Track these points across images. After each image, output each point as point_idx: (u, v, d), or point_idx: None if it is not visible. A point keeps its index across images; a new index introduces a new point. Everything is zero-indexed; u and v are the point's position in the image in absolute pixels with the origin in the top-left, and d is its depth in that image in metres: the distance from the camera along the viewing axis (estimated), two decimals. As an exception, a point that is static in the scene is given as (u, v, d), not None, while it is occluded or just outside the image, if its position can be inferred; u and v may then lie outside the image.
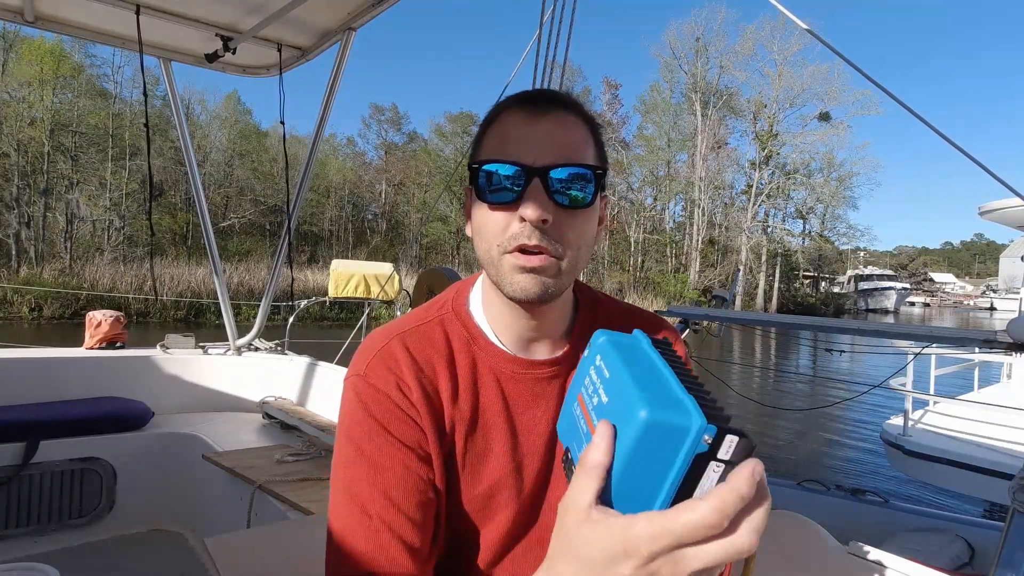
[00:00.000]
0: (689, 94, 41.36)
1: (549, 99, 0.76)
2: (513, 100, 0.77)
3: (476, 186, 0.75)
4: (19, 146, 24.41)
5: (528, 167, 0.71)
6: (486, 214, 0.74)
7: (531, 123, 0.74)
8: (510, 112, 0.76)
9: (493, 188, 0.73)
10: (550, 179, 0.71)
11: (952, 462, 5.08)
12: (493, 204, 0.73)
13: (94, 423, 2.69)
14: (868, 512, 3.46)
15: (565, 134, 0.74)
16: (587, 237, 0.76)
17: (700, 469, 0.47)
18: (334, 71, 2.90)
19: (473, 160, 0.77)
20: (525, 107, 0.75)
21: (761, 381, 13.53)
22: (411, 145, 42.45)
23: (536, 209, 0.70)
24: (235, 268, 23.47)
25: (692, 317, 5.01)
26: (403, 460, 0.75)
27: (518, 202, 0.72)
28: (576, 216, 0.74)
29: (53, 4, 2.54)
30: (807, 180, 42.56)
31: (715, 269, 39.97)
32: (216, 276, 3.50)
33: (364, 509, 0.73)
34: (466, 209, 0.82)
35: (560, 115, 0.75)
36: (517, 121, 0.75)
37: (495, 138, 0.76)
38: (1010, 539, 1.04)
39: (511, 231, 0.72)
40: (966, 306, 69.20)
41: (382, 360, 0.79)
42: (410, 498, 0.74)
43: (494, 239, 0.74)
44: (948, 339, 3.91)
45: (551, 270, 0.73)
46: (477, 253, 0.78)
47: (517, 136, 0.74)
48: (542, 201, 0.71)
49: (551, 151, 0.72)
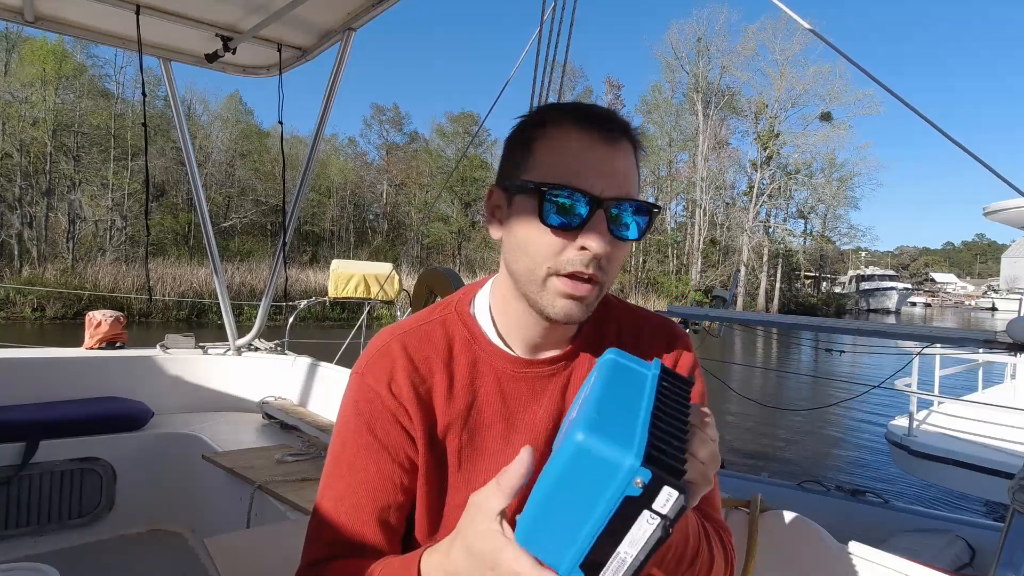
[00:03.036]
0: (691, 94, 41.33)
1: (617, 125, 0.74)
2: (570, 116, 0.74)
3: (540, 205, 0.71)
4: (22, 146, 24.44)
5: (596, 197, 0.71)
6: (542, 234, 0.72)
7: (601, 150, 0.73)
8: (570, 130, 0.73)
9: (558, 210, 0.71)
10: (612, 212, 0.72)
11: (957, 462, 5.08)
12: (555, 228, 0.72)
13: (94, 423, 2.69)
14: (868, 513, 3.45)
15: (630, 166, 0.75)
16: (621, 263, 0.78)
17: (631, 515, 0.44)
18: (334, 71, 2.90)
19: (522, 174, 0.74)
20: (592, 129, 0.73)
21: (762, 381, 13.51)
22: (412, 145, 42.44)
23: (601, 243, 0.71)
24: (236, 268, 23.47)
25: (692, 317, 5.01)
26: (378, 463, 0.79)
27: (578, 229, 0.71)
28: (624, 247, 0.75)
29: (53, 4, 2.54)
30: (808, 180, 42.55)
31: (716, 269, 39.92)
32: (216, 276, 3.50)
33: (337, 505, 0.79)
34: (496, 216, 0.80)
35: (625, 144, 0.75)
36: (586, 145, 0.72)
37: (557, 156, 0.73)
38: (1010, 539, 1.04)
39: (566, 256, 0.72)
40: (967, 306, 69.07)
41: (378, 359, 0.82)
42: (376, 501, 0.78)
43: (544, 260, 0.73)
44: (948, 339, 3.91)
45: (593, 297, 0.75)
46: (512, 264, 0.77)
47: (589, 163, 0.72)
48: (604, 233, 0.71)
49: (616, 183, 0.72)
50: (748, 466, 7.66)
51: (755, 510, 1.34)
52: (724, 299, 8.43)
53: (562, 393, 0.83)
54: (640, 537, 0.45)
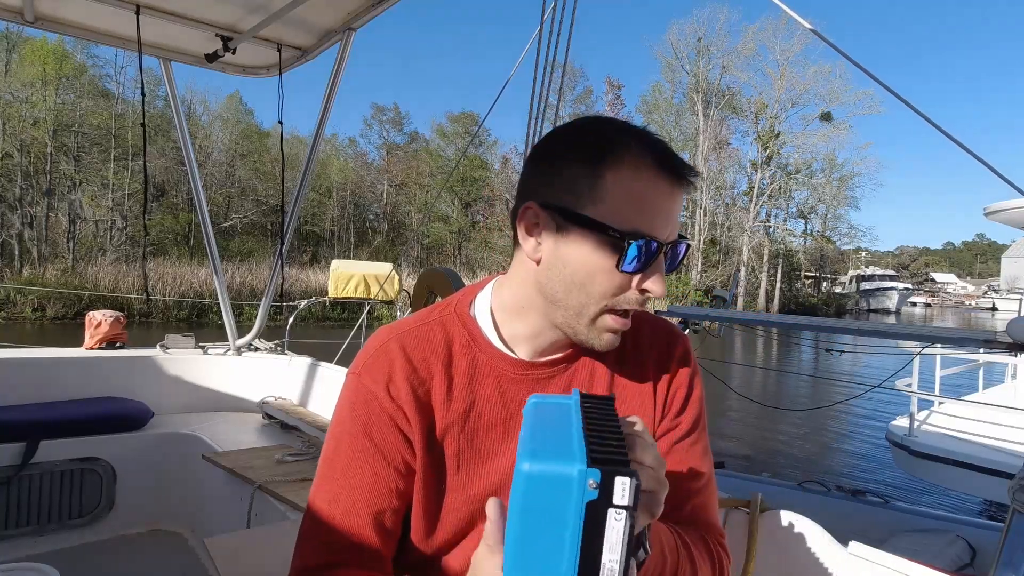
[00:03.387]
0: (691, 94, 41.33)
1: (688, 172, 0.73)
2: (648, 153, 0.71)
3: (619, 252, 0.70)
4: (22, 146, 24.45)
5: (662, 243, 0.72)
6: (609, 277, 0.72)
7: (672, 198, 0.73)
8: (654, 170, 0.71)
9: (629, 253, 0.70)
10: (669, 254, 0.74)
11: (958, 462, 5.08)
12: (623, 270, 0.71)
13: (94, 423, 2.69)
14: (868, 513, 3.45)
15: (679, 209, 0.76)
16: None
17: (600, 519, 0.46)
18: (334, 71, 2.90)
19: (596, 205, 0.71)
20: (674, 175, 0.72)
21: (762, 381, 13.50)
22: (412, 145, 42.46)
23: (662, 287, 0.73)
24: (237, 268, 23.48)
25: (692, 317, 5.00)
26: (374, 467, 0.78)
27: (641, 271, 0.72)
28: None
29: (53, 4, 2.54)
30: (809, 180, 42.56)
31: (717, 269, 39.91)
32: (216, 276, 3.50)
33: (329, 506, 0.78)
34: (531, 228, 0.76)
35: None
36: (666, 190, 0.72)
37: (636, 199, 0.71)
38: (1010, 539, 1.04)
39: (626, 297, 0.73)
40: (968, 306, 69.04)
41: (377, 360, 0.80)
42: (371, 505, 0.77)
43: (602, 297, 0.73)
44: (948, 339, 3.90)
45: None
46: (558, 293, 0.75)
47: (665, 209, 0.72)
48: (663, 276, 0.73)
49: (674, 225, 0.74)
50: (748, 466, 7.66)
51: (755, 510, 1.34)
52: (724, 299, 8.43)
53: (562, 393, 0.83)
54: (616, 540, 0.46)
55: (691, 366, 0.89)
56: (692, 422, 0.87)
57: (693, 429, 0.87)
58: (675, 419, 0.86)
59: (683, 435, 0.86)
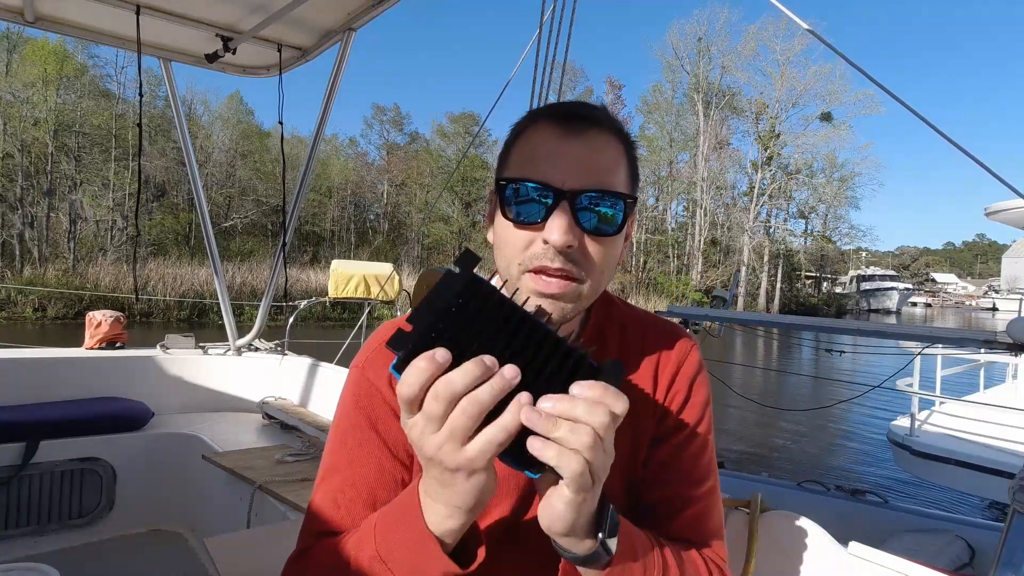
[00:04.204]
0: (691, 94, 41.33)
1: (584, 116, 0.72)
2: (544, 114, 0.74)
3: (501, 200, 0.72)
4: (23, 146, 24.45)
5: (557, 189, 0.69)
6: (509, 230, 0.72)
7: (563, 142, 0.71)
8: (541, 127, 0.73)
9: (519, 204, 0.71)
10: (579, 203, 0.69)
11: (959, 462, 5.09)
12: (518, 222, 0.71)
13: (94, 423, 2.69)
14: (868, 513, 3.45)
15: (598, 156, 0.71)
16: (611, 261, 0.74)
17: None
18: (334, 71, 2.90)
19: (500, 174, 0.75)
20: (558, 123, 0.72)
21: (762, 381, 13.50)
22: (413, 145, 42.46)
23: (561, 234, 0.68)
24: (237, 268, 23.49)
25: (692, 317, 5.00)
26: (379, 459, 0.78)
27: (543, 223, 0.69)
28: (607, 243, 0.72)
29: (53, 4, 2.54)
30: (809, 180, 42.56)
31: (717, 269, 39.91)
32: (216, 276, 3.50)
33: (335, 498, 0.77)
34: (489, 215, 0.80)
35: (594, 134, 0.72)
36: (548, 138, 0.72)
37: (525, 153, 0.73)
38: (1010, 539, 1.04)
39: (532, 251, 0.70)
40: (968, 306, 69.01)
41: (380, 354, 0.81)
42: (374, 495, 0.77)
43: (514, 257, 0.72)
44: (948, 339, 3.90)
45: (570, 296, 0.71)
46: (497, 264, 0.77)
47: (548, 154, 0.71)
48: (568, 226, 0.68)
49: (582, 174, 0.70)
50: (748, 466, 7.66)
51: (755, 510, 1.34)
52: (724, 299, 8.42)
53: None
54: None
55: (695, 371, 0.86)
56: (691, 427, 0.83)
57: (692, 435, 0.83)
58: (673, 423, 0.84)
59: (681, 440, 0.83)
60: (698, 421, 0.84)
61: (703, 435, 0.84)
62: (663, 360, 0.85)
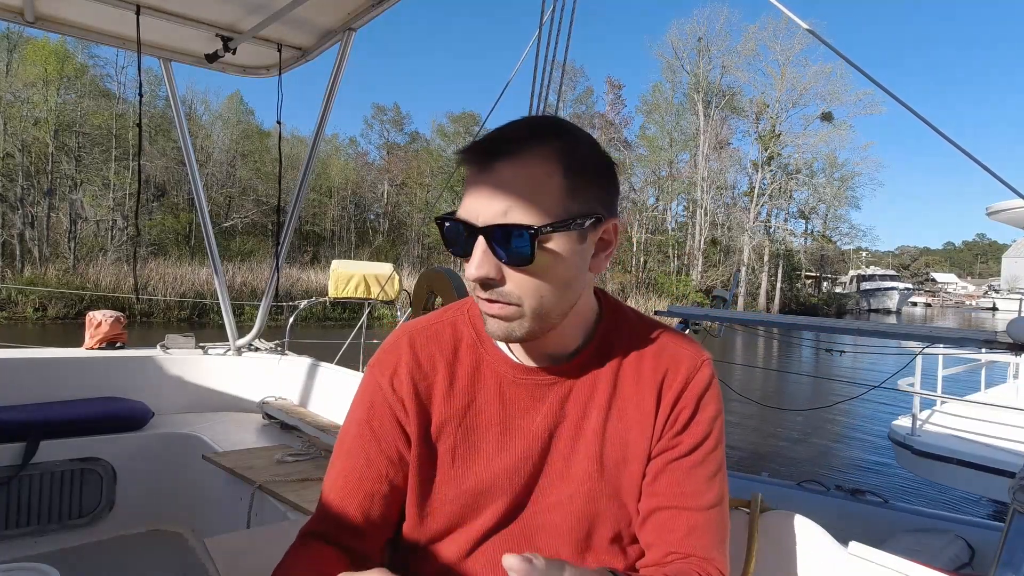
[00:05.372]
0: (691, 94, 41.31)
1: (493, 151, 0.72)
2: (465, 149, 0.75)
3: (442, 236, 0.77)
4: (23, 146, 24.46)
5: (471, 225, 0.72)
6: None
7: (477, 177, 0.73)
8: (466, 163, 0.75)
9: (450, 241, 0.76)
10: (493, 236, 0.71)
11: (960, 462, 5.09)
12: (456, 256, 0.76)
13: (94, 423, 2.69)
14: (868, 512, 3.45)
15: (505, 189, 0.71)
16: (550, 283, 0.73)
17: None
18: (334, 71, 2.90)
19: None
20: (472, 159, 0.74)
21: (762, 381, 13.49)
22: (413, 145, 42.45)
23: (474, 269, 0.72)
24: (238, 268, 23.49)
25: (692, 317, 5.01)
26: (368, 452, 0.83)
27: (466, 254, 0.74)
28: (524, 271, 0.72)
29: (53, 4, 2.54)
30: (809, 180, 42.56)
31: (717, 269, 39.90)
32: (216, 276, 3.50)
33: (331, 484, 0.84)
34: None
35: (504, 166, 0.71)
36: (469, 174, 0.75)
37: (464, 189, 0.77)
38: (1010, 539, 1.04)
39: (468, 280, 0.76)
40: (968, 306, 68.99)
41: (387, 354, 0.87)
42: (362, 487, 0.82)
43: (468, 284, 0.77)
44: (948, 339, 3.90)
45: (513, 315, 0.74)
46: None
47: (468, 190, 0.74)
48: (480, 261, 0.71)
49: (489, 209, 0.71)
50: (748, 466, 7.65)
51: (755, 510, 1.34)
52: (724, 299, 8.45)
53: (561, 403, 0.83)
54: None
55: (703, 389, 0.84)
56: (695, 444, 0.82)
57: (695, 451, 0.82)
58: (675, 438, 0.82)
59: (681, 455, 0.81)
60: (702, 438, 0.83)
61: (708, 451, 0.83)
62: (670, 376, 0.84)
